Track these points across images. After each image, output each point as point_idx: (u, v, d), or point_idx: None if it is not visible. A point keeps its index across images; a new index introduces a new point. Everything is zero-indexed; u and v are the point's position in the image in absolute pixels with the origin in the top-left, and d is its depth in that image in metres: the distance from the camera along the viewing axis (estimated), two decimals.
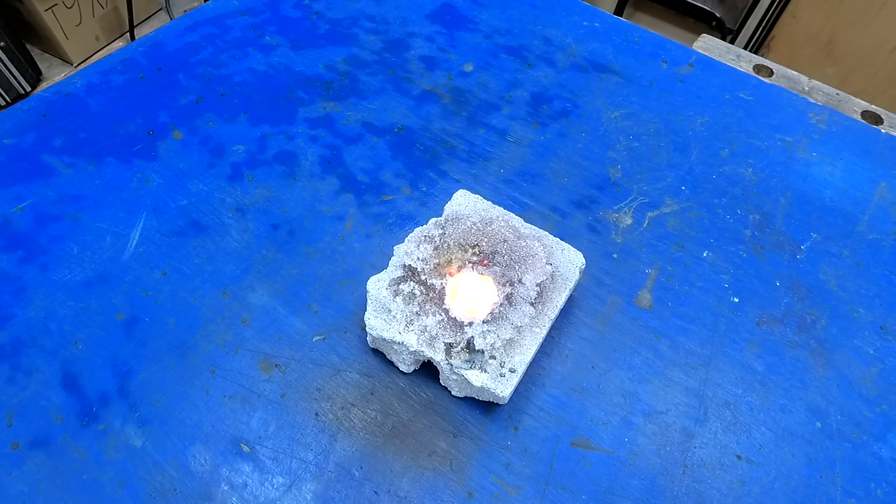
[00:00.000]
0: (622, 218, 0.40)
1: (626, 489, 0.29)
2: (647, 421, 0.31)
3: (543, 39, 0.52)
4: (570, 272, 0.32)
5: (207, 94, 0.46)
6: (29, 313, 0.33)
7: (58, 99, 0.44)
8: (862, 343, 0.35)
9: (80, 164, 0.41)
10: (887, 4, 1.25)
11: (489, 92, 0.48)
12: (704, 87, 0.49)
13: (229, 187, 0.40)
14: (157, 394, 0.31)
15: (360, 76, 0.48)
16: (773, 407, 0.32)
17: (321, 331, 0.34)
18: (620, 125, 0.46)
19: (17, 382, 0.31)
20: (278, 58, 0.49)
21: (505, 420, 0.31)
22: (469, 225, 0.33)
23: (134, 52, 0.48)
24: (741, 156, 0.44)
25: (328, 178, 0.41)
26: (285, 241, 0.37)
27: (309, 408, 0.31)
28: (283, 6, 0.54)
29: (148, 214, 0.38)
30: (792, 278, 0.37)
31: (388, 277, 0.31)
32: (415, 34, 0.52)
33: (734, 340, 0.34)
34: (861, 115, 0.49)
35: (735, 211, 0.41)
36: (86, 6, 1.57)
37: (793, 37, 1.45)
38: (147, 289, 0.35)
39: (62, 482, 0.28)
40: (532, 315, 0.30)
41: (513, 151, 0.44)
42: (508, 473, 0.29)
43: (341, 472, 0.29)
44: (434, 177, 0.42)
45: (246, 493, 0.28)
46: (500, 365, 0.28)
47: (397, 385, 0.32)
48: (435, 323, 0.29)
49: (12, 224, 0.37)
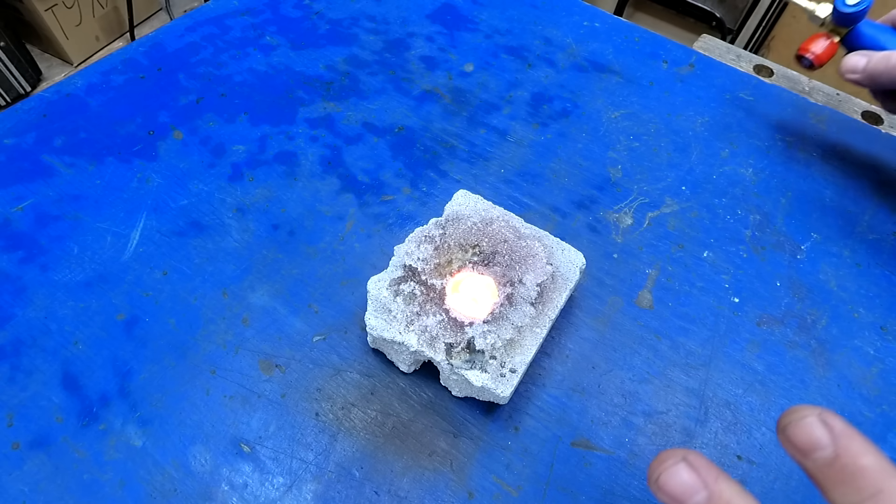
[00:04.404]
0: (622, 218, 0.40)
1: (626, 489, 0.29)
2: (647, 421, 0.31)
3: (544, 39, 0.52)
4: (570, 272, 0.32)
5: (208, 94, 0.46)
6: (29, 313, 0.33)
7: (58, 99, 0.44)
8: (862, 343, 0.35)
9: (81, 164, 0.41)
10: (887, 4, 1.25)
11: (489, 92, 0.48)
12: (704, 87, 0.49)
13: (230, 187, 0.40)
14: (158, 394, 0.31)
15: (361, 76, 0.48)
16: (773, 407, 0.32)
17: (321, 331, 0.34)
18: (621, 125, 0.46)
19: (17, 382, 0.31)
20: (278, 58, 0.49)
21: (505, 420, 0.31)
22: (469, 225, 0.33)
23: (134, 52, 0.48)
24: (741, 156, 0.44)
25: (328, 178, 0.41)
26: (286, 242, 0.37)
27: (309, 408, 0.31)
28: (284, 6, 0.54)
29: (148, 214, 0.38)
30: (792, 278, 0.37)
31: (388, 277, 0.31)
32: (415, 34, 0.52)
33: (734, 340, 0.34)
34: (861, 116, 0.49)
35: (735, 211, 0.41)
36: (86, 6, 1.57)
37: (793, 37, 1.45)
38: (147, 289, 0.35)
39: (62, 482, 0.28)
40: (532, 315, 0.30)
41: (513, 151, 0.44)
42: (509, 473, 0.29)
43: (342, 473, 0.29)
44: (434, 177, 0.42)
45: (246, 493, 0.28)
46: (500, 365, 0.28)
47: (398, 385, 0.32)
48: (435, 323, 0.29)
49: (12, 224, 0.37)
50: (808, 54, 0.39)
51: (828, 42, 0.38)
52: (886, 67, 0.35)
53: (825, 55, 0.38)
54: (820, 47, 0.38)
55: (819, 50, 0.38)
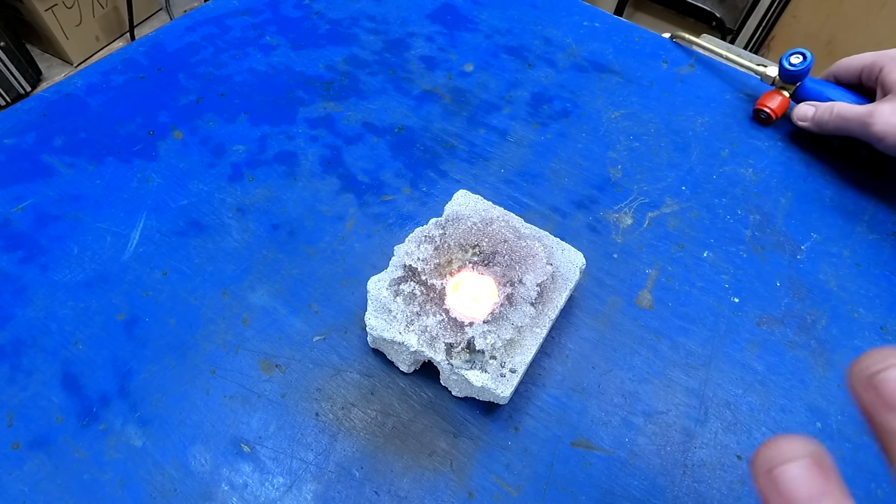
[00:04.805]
0: (622, 218, 0.40)
1: (626, 489, 0.29)
2: (647, 421, 0.31)
3: (544, 39, 0.52)
4: (570, 272, 0.32)
5: (208, 94, 0.46)
6: (29, 313, 0.33)
7: (58, 99, 0.44)
8: (862, 343, 0.35)
9: (81, 164, 0.41)
10: (887, 4, 1.25)
11: (489, 92, 0.48)
12: (704, 87, 0.49)
13: (229, 187, 0.40)
14: (158, 394, 0.31)
15: (361, 76, 0.48)
16: (773, 407, 0.32)
17: (321, 331, 0.34)
18: (621, 125, 0.46)
19: (17, 382, 0.31)
20: (278, 58, 0.49)
21: (505, 420, 0.31)
22: (469, 225, 0.33)
23: (134, 52, 0.48)
24: (741, 156, 0.44)
25: (328, 178, 0.41)
26: (286, 241, 0.37)
27: (309, 408, 0.31)
28: (284, 6, 0.54)
29: (148, 214, 0.38)
30: (792, 278, 0.37)
31: (388, 277, 0.31)
32: (415, 34, 0.52)
33: (734, 341, 0.34)
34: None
35: (735, 211, 0.41)
36: (86, 6, 1.57)
37: (793, 37, 1.45)
38: (147, 289, 0.35)
39: (62, 482, 0.28)
40: (532, 315, 0.30)
41: (513, 151, 0.44)
42: (509, 473, 0.29)
43: (342, 473, 0.29)
44: (434, 177, 0.42)
45: (246, 493, 0.28)
46: (500, 365, 0.28)
47: (397, 385, 0.32)
48: (435, 323, 0.29)
49: (12, 224, 0.37)
50: (766, 108, 0.45)
51: (780, 98, 0.45)
52: (830, 117, 0.41)
53: (780, 109, 0.45)
54: (775, 103, 0.45)
55: (775, 105, 0.45)
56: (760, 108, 0.45)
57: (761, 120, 0.46)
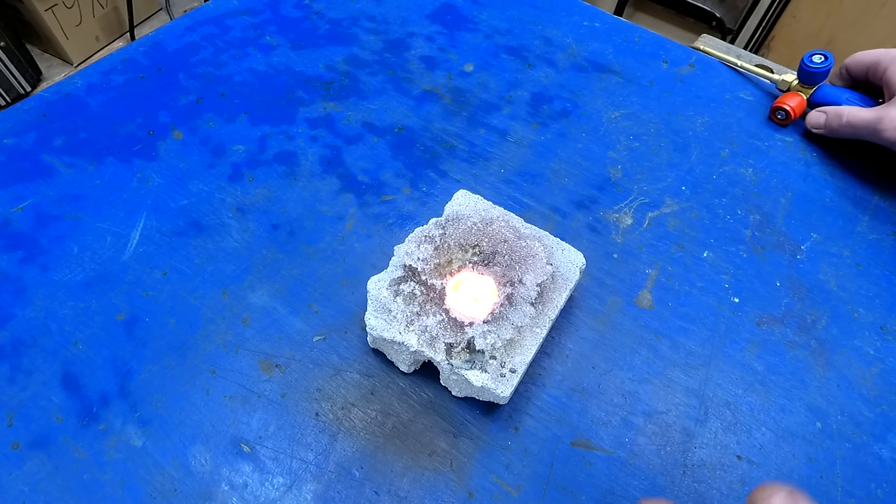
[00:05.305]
0: (622, 218, 0.40)
1: (626, 489, 0.29)
2: (647, 421, 0.31)
3: (543, 39, 0.52)
4: (570, 272, 0.32)
5: (207, 94, 0.46)
6: (29, 313, 0.33)
7: (58, 99, 0.44)
8: (862, 343, 0.35)
9: (81, 164, 0.41)
10: (887, 4, 1.25)
11: (489, 92, 0.48)
12: (704, 87, 0.49)
13: (229, 187, 0.40)
14: (158, 394, 0.31)
15: (361, 76, 0.48)
16: (773, 407, 0.32)
17: (321, 331, 0.34)
18: (621, 125, 0.46)
19: (17, 382, 0.31)
20: (278, 58, 0.49)
21: (505, 420, 0.31)
22: (469, 225, 0.33)
23: (134, 52, 0.48)
24: (741, 156, 0.44)
25: (328, 178, 0.41)
26: (285, 241, 0.37)
27: (309, 408, 0.31)
28: (284, 6, 0.54)
29: (148, 214, 0.38)
30: (792, 278, 0.37)
31: (388, 277, 0.31)
32: (415, 34, 0.52)
33: (734, 340, 0.34)
34: None
35: (735, 211, 0.41)
36: (86, 6, 1.57)
37: (793, 37, 1.45)
38: (147, 289, 0.35)
39: (62, 482, 0.28)
40: (532, 315, 0.30)
41: (513, 151, 0.44)
42: (509, 473, 0.29)
43: (342, 473, 0.29)
44: (434, 177, 0.42)
45: (246, 493, 0.28)
46: (500, 365, 0.28)
47: (397, 385, 0.32)
48: (435, 323, 0.29)
49: (12, 224, 0.37)
50: (785, 105, 0.45)
51: (798, 98, 0.46)
52: (839, 124, 0.42)
53: (798, 108, 0.46)
54: (794, 102, 0.46)
55: (794, 104, 0.45)
56: (779, 107, 0.45)
57: (778, 120, 0.46)
